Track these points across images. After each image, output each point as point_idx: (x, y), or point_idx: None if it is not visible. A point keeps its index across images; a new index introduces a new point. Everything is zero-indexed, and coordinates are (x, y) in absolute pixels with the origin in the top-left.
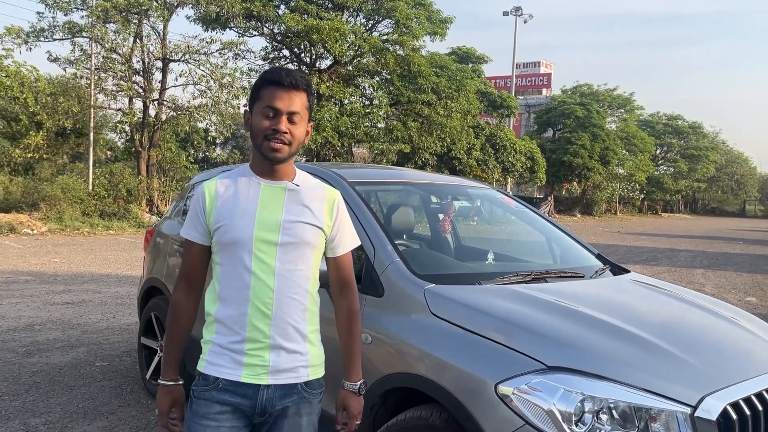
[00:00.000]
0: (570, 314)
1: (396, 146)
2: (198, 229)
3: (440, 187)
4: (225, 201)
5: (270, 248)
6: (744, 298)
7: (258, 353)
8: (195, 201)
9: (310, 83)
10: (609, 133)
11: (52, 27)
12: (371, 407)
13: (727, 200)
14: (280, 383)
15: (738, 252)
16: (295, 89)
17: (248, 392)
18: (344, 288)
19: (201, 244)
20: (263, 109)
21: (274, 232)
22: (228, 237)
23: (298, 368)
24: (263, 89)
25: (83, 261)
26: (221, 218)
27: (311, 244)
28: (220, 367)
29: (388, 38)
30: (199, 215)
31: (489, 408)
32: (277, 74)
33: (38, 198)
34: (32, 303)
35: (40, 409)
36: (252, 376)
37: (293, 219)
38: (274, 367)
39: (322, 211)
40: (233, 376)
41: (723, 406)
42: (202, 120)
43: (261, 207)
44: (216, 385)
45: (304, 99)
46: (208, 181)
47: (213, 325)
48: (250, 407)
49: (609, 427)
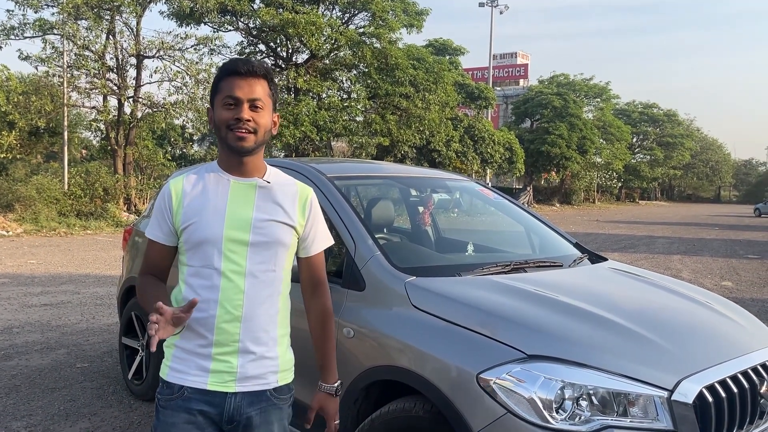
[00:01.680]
0: (549, 303)
1: (375, 139)
2: (163, 230)
3: (419, 180)
4: (193, 199)
5: (240, 248)
6: (720, 283)
7: (226, 358)
8: (160, 200)
9: (269, 70)
10: (586, 122)
11: (22, 25)
12: (354, 401)
13: (703, 186)
14: (248, 390)
15: (713, 237)
16: (253, 76)
17: (215, 400)
18: (317, 288)
19: (165, 244)
20: (224, 99)
21: (244, 231)
22: (197, 236)
23: (267, 374)
24: (222, 81)
25: (61, 262)
26: (189, 217)
27: (284, 244)
28: (184, 375)
29: (364, 31)
30: (164, 215)
31: (471, 398)
32: (234, 64)
33: (12, 199)
34: (9, 305)
35: (21, 413)
36: (219, 383)
37: (264, 217)
38: (242, 373)
39: (294, 209)
40: (199, 383)
41: (699, 389)
42: (179, 117)
43: (231, 205)
44: (181, 393)
45: (264, 86)
46: (174, 180)
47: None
48: (217, 415)
49: (589, 413)
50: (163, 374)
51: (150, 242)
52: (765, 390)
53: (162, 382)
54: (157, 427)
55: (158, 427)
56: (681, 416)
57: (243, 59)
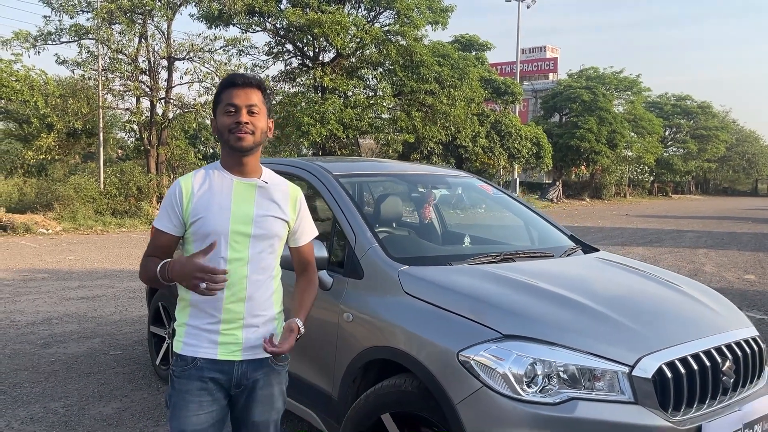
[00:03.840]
0: (528, 289)
1: (401, 136)
2: (173, 221)
3: (421, 177)
4: (201, 196)
5: (244, 239)
6: (743, 276)
7: (232, 332)
8: (171, 195)
9: (262, 82)
10: (616, 116)
11: (58, 30)
12: (353, 379)
13: (739, 179)
14: (252, 358)
15: (744, 231)
16: (248, 86)
17: (224, 368)
18: (306, 268)
19: (173, 234)
20: (224, 107)
21: (247, 225)
22: (205, 229)
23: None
24: (222, 93)
25: (97, 258)
26: (198, 212)
27: (279, 236)
28: (196, 348)
29: (389, 29)
30: (175, 209)
31: (452, 373)
32: (232, 77)
33: (52, 198)
34: (49, 299)
35: (58, 394)
36: (227, 353)
37: (263, 213)
38: (246, 344)
39: (287, 206)
40: (210, 354)
41: (658, 365)
42: (209, 117)
43: (235, 202)
44: (194, 364)
45: (259, 95)
46: (184, 177)
47: (187, 309)
48: (226, 381)
49: (557, 387)
50: (177, 349)
51: (158, 232)
52: (727, 368)
53: (176, 356)
54: (172, 395)
55: (173, 395)
56: (641, 390)
57: (239, 74)
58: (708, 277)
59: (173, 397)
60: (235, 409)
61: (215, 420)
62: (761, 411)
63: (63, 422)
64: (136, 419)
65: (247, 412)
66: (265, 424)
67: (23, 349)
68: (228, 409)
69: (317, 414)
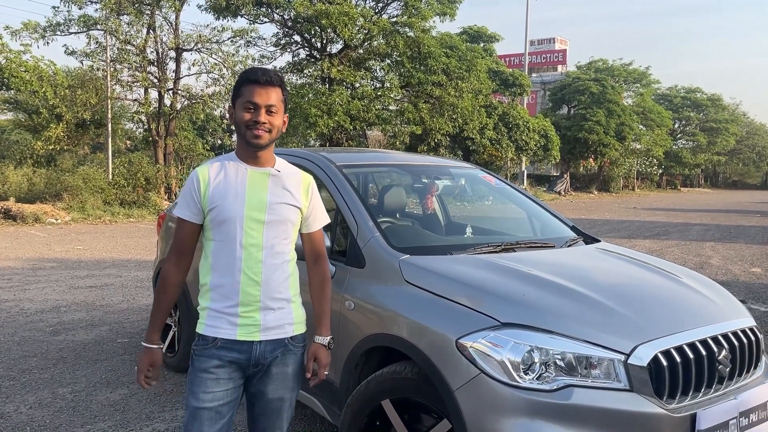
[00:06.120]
0: (527, 278)
1: (408, 128)
2: (192, 209)
3: (424, 168)
4: (217, 185)
5: (258, 225)
6: (749, 269)
7: (250, 314)
8: (189, 184)
9: (282, 79)
10: (624, 108)
11: (67, 21)
12: (355, 366)
13: (749, 173)
14: (270, 339)
15: (753, 224)
16: (270, 85)
17: (243, 348)
18: (318, 258)
19: (194, 222)
20: (244, 104)
21: (261, 212)
22: (222, 216)
23: (284, 325)
24: (243, 87)
25: (105, 248)
26: (215, 200)
27: (292, 222)
28: (217, 329)
29: (397, 20)
30: (194, 197)
31: (450, 361)
32: (254, 73)
33: (61, 188)
34: (58, 287)
35: (66, 380)
36: (246, 334)
37: (277, 200)
38: (264, 325)
39: (299, 193)
40: (229, 335)
41: (653, 353)
42: (216, 108)
43: (249, 190)
44: (215, 344)
45: (279, 93)
46: (201, 167)
47: (208, 293)
48: (245, 360)
49: (554, 374)
50: (199, 330)
51: (180, 221)
52: (722, 357)
53: (198, 336)
54: (191, 374)
55: (191, 373)
56: (637, 378)
57: (262, 69)
58: (714, 269)
59: (191, 374)
60: (251, 385)
61: (230, 399)
62: (757, 400)
63: (71, 407)
64: (142, 405)
65: (262, 389)
66: (278, 402)
67: (32, 336)
68: (242, 389)
69: (319, 401)
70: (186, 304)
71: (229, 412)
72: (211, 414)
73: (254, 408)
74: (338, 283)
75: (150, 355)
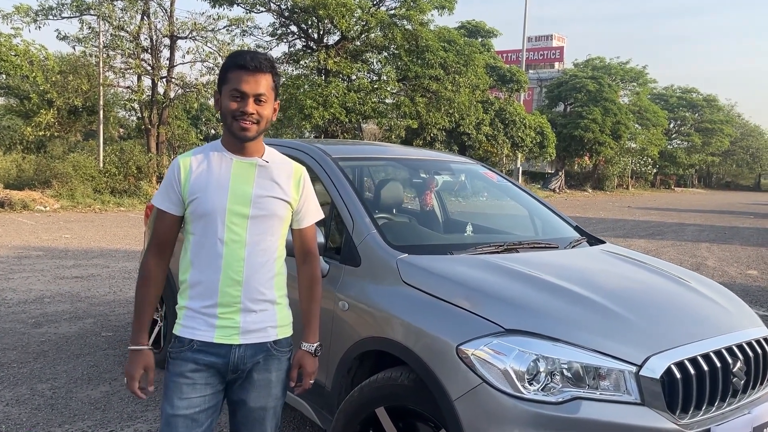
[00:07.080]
0: (532, 281)
1: (404, 122)
2: (172, 200)
3: (424, 162)
4: (199, 175)
5: (241, 220)
6: (745, 272)
7: (230, 316)
8: (170, 174)
9: (274, 64)
10: (621, 107)
11: (60, 5)
12: (348, 370)
13: (742, 174)
14: (251, 342)
15: (747, 226)
16: (260, 72)
17: (221, 351)
18: (307, 256)
19: (173, 214)
20: (231, 91)
21: (245, 206)
22: (202, 209)
23: (266, 328)
24: (230, 72)
25: (93, 237)
26: (195, 191)
27: (279, 217)
28: (194, 330)
29: (395, 13)
30: (174, 186)
31: (450, 368)
32: (242, 58)
33: (50, 175)
34: (43, 277)
35: (46, 376)
36: (224, 336)
37: (263, 193)
38: (244, 328)
39: (289, 186)
40: (206, 337)
41: (667, 365)
42: (211, 97)
43: (233, 182)
44: (191, 346)
45: (269, 80)
46: (183, 156)
47: (187, 291)
48: (223, 365)
49: (560, 385)
50: (176, 331)
51: (159, 212)
52: (737, 369)
53: (174, 337)
54: (166, 378)
55: (167, 378)
56: (649, 390)
57: (252, 53)
58: (710, 271)
59: (166, 379)
60: (232, 392)
61: (207, 405)
62: None
63: (49, 405)
64: (124, 404)
65: (243, 397)
66: (261, 411)
67: (13, 328)
68: (222, 396)
69: (309, 404)
70: (174, 298)
71: (207, 420)
72: (186, 422)
73: (236, 416)
74: (332, 281)
75: (141, 358)
